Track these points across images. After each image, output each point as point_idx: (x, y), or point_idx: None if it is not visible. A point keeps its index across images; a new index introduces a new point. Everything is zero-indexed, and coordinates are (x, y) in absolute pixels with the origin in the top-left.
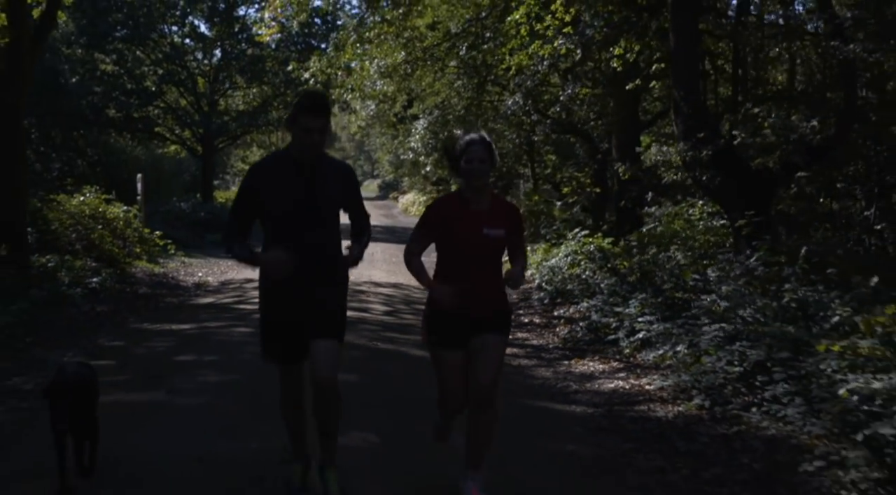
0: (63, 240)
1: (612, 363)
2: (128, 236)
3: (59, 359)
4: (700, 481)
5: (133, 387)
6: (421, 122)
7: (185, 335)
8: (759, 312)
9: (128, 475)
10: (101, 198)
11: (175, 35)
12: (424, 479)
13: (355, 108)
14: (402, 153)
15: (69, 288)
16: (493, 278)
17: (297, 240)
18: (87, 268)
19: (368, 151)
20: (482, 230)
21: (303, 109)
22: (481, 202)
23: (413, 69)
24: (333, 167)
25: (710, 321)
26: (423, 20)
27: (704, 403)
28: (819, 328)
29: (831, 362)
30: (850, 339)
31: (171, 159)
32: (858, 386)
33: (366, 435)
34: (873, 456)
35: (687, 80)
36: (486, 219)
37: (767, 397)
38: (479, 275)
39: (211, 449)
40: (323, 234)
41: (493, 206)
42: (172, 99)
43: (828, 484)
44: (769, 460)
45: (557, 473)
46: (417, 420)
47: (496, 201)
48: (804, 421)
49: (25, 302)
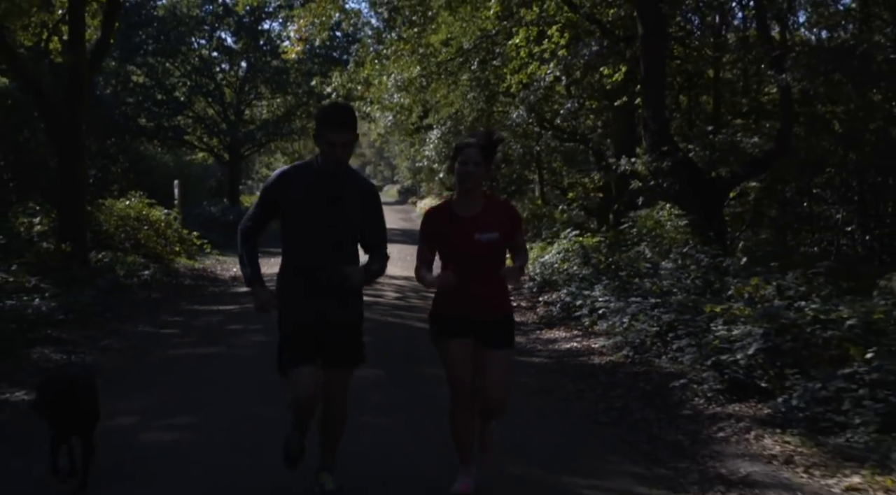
0: (114, 239)
1: (573, 332)
2: (168, 236)
3: (133, 330)
4: (607, 397)
5: (198, 345)
6: (435, 131)
7: (231, 313)
8: (676, 288)
9: (208, 392)
10: (144, 202)
11: (203, 48)
12: (421, 399)
13: (375, 117)
14: (419, 160)
15: (125, 279)
16: (495, 282)
17: (309, 250)
18: (137, 264)
19: (388, 158)
20: (473, 236)
21: (327, 124)
22: (473, 206)
23: (428, 82)
24: (357, 185)
25: (647, 297)
26: (437, 37)
27: (629, 354)
28: (719, 298)
29: (718, 320)
30: (728, 303)
31: (199, 165)
32: (723, 334)
33: (375, 372)
34: (719, 375)
35: (654, 101)
36: (478, 224)
37: (674, 347)
38: (480, 279)
39: (264, 379)
40: (336, 248)
41: (486, 209)
42: (200, 108)
43: (688, 394)
44: (656, 385)
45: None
46: (410, 362)
47: (489, 203)
48: (694, 362)
49: (92, 289)
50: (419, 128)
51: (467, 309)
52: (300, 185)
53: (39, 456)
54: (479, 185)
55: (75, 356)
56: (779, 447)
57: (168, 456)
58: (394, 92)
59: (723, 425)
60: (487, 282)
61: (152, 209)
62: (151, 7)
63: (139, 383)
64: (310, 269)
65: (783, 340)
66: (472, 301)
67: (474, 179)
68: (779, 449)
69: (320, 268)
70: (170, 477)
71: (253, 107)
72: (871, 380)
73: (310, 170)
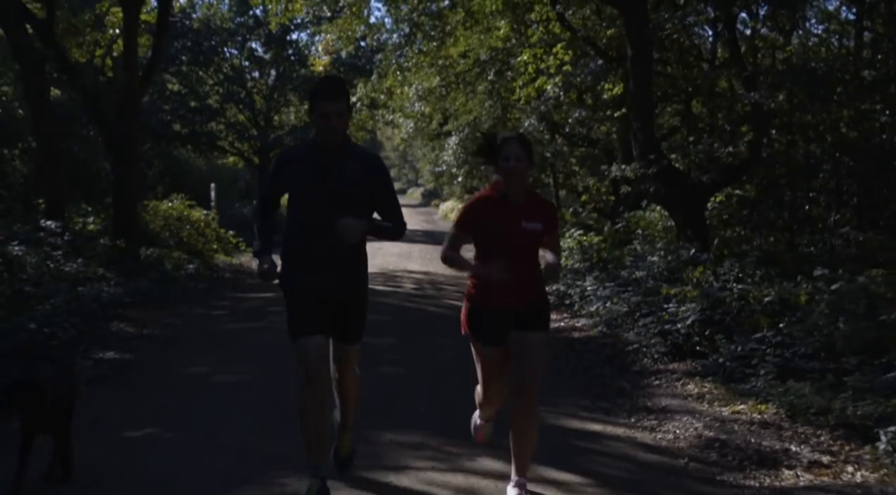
0: (160, 237)
1: (563, 315)
2: (208, 235)
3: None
4: (576, 361)
5: (245, 322)
6: (453, 138)
7: (271, 299)
8: (648, 276)
9: (257, 353)
10: (185, 203)
11: (235, 58)
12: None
13: (398, 123)
14: (439, 165)
15: (173, 271)
16: (532, 272)
17: (314, 225)
18: (182, 259)
19: (411, 161)
20: (521, 224)
21: (318, 95)
22: (518, 198)
23: (447, 91)
24: (359, 156)
25: (625, 284)
26: (455, 49)
27: (602, 329)
28: (677, 283)
29: (672, 300)
30: (681, 287)
31: (229, 169)
32: (673, 310)
33: (390, 340)
34: (664, 341)
35: (642, 115)
36: (524, 213)
37: (640, 323)
38: (519, 269)
39: None
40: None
41: (529, 202)
42: (232, 115)
43: (640, 356)
44: (618, 351)
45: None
46: (420, 335)
47: (532, 197)
48: (648, 333)
49: (146, 280)
50: (439, 135)
51: (507, 300)
52: (298, 161)
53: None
54: (524, 180)
55: (146, 329)
56: (696, 390)
57: (237, 390)
58: (415, 100)
59: (660, 377)
60: (526, 272)
61: (192, 210)
62: (187, 19)
63: (203, 347)
64: (313, 244)
65: (714, 313)
66: (512, 292)
67: (518, 174)
68: (696, 391)
69: (324, 242)
70: (240, 403)
71: (281, 113)
72: (775, 342)
73: (308, 147)
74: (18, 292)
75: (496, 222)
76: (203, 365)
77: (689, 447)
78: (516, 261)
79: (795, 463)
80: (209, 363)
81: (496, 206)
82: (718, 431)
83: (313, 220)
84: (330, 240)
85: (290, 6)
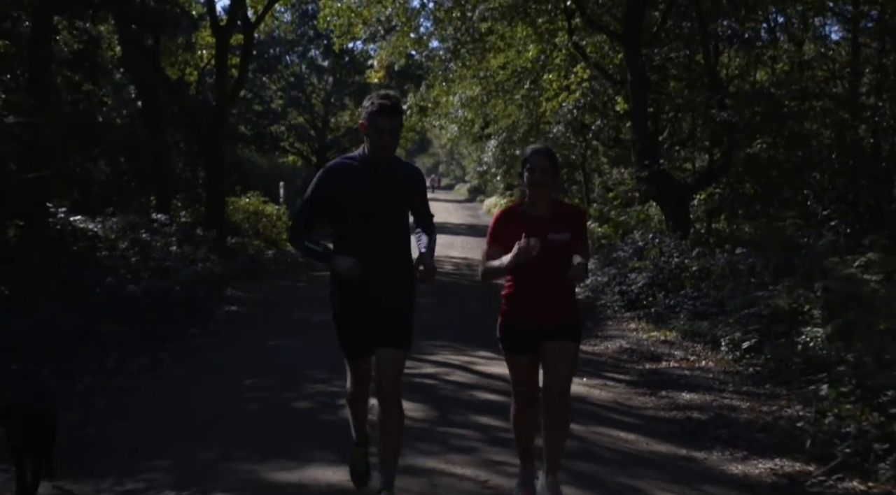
0: (242, 228)
1: None
2: (279, 226)
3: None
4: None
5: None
6: (492, 141)
7: None
8: (626, 256)
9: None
10: (259, 199)
11: (296, 65)
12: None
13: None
14: (481, 165)
15: (257, 256)
16: (564, 288)
17: (369, 240)
18: (261, 246)
19: (458, 159)
20: (547, 236)
21: (376, 111)
22: (543, 209)
23: (488, 99)
24: (404, 170)
25: (611, 263)
26: (495, 61)
27: (588, 294)
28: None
29: (636, 271)
30: (644, 261)
31: (288, 167)
32: (633, 278)
33: (427, 300)
34: (622, 298)
35: (640, 129)
36: (549, 225)
37: (614, 289)
38: (550, 283)
39: None
40: (394, 235)
41: (556, 212)
42: (292, 117)
43: (605, 309)
44: (591, 306)
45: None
46: (452, 296)
47: (558, 206)
48: (615, 295)
49: (236, 262)
50: (481, 137)
51: (537, 318)
52: (354, 177)
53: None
54: (549, 191)
55: (251, 294)
56: (634, 326)
57: (326, 326)
58: (458, 107)
59: (614, 320)
60: (556, 288)
61: (265, 205)
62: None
63: (296, 304)
64: (367, 260)
65: (658, 278)
66: (542, 310)
67: (543, 186)
68: (634, 327)
69: (378, 258)
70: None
71: (338, 116)
72: (693, 297)
73: (358, 161)
74: (159, 266)
75: (520, 235)
76: (299, 314)
77: (611, 352)
78: (543, 274)
79: (671, 358)
80: (303, 313)
81: (522, 219)
82: (633, 345)
83: (372, 234)
84: (387, 253)
85: (350, 30)
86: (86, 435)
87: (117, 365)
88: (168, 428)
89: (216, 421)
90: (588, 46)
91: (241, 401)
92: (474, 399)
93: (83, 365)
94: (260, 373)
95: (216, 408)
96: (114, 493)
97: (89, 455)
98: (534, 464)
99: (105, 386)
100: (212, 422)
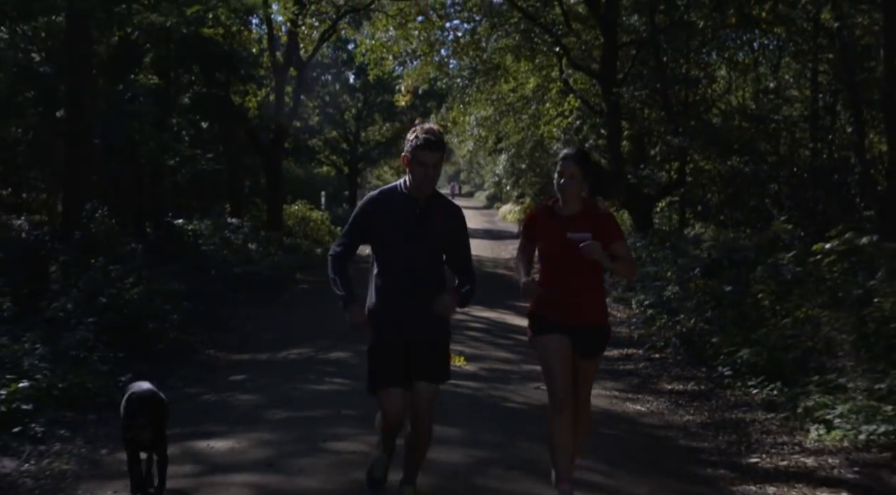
0: (294, 230)
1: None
2: (323, 229)
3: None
4: None
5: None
6: (503, 155)
7: None
8: None
9: None
10: (306, 207)
11: (331, 85)
12: None
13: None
14: (493, 176)
15: (309, 252)
16: (591, 287)
17: (406, 268)
18: (311, 245)
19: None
20: (565, 234)
21: (420, 145)
22: (571, 209)
23: (500, 118)
24: (445, 206)
25: None
26: (506, 86)
27: None
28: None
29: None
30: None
31: (322, 177)
32: None
33: None
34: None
35: (613, 148)
36: (572, 223)
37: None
38: (577, 282)
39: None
40: (430, 265)
41: (583, 212)
42: (328, 131)
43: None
44: None
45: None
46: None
47: (587, 207)
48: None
49: (293, 256)
50: (494, 151)
51: (561, 314)
52: (394, 208)
53: None
54: (577, 195)
55: (312, 278)
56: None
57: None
58: (474, 126)
59: None
60: (584, 289)
61: (311, 212)
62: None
63: None
64: (404, 289)
65: None
66: (565, 305)
67: (570, 189)
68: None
69: (414, 288)
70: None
71: (368, 131)
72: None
73: (400, 193)
74: (246, 257)
75: (547, 232)
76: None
77: None
78: (569, 271)
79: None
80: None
81: (548, 217)
82: None
83: (408, 263)
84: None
85: (382, 62)
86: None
87: (249, 312)
88: (293, 334)
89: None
90: (577, 82)
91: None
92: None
93: (230, 311)
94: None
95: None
96: (277, 359)
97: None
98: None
99: (249, 318)
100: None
